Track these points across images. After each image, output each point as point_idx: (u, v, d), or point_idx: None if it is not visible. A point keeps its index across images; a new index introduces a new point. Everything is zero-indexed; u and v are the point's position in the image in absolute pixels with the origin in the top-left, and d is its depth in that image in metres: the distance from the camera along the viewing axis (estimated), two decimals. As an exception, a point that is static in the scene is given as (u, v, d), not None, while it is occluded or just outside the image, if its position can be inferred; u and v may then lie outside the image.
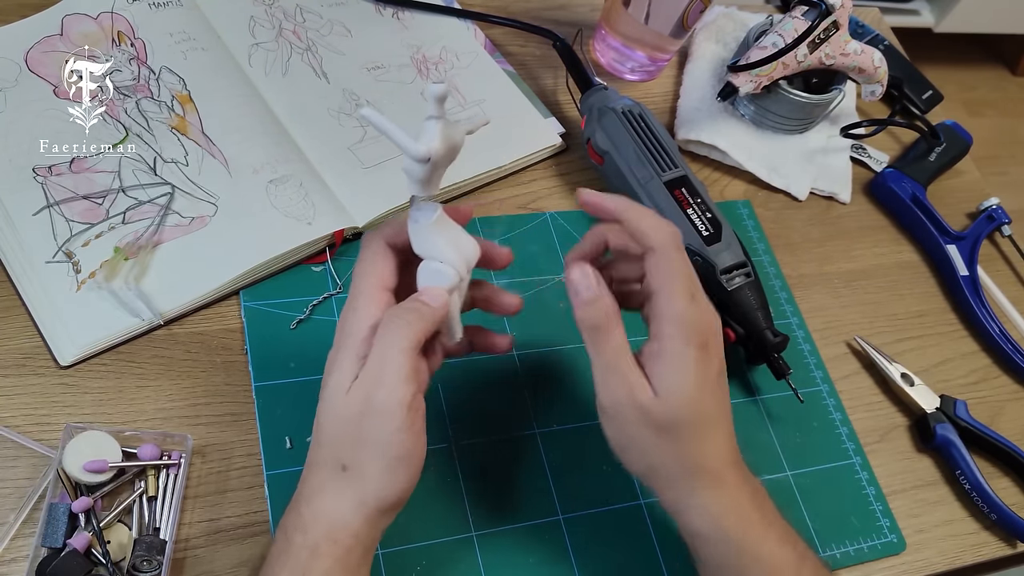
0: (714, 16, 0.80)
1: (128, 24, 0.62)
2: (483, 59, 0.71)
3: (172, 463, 0.47)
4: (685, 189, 0.60)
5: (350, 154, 0.61)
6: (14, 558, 0.43)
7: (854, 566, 0.55)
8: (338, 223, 0.56)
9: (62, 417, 0.47)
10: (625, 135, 0.61)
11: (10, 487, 0.45)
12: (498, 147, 0.65)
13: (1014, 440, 0.62)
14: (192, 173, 0.56)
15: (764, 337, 0.57)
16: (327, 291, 0.56)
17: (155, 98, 0.59)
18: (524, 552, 0.49)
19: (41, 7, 0.61)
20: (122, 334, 0.50)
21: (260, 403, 0.51)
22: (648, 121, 0.62)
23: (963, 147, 0.79)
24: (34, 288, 0.50)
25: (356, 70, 0.66)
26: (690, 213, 0.59)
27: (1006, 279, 0.75)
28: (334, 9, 0.70)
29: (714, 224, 0.59)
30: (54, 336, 0.49)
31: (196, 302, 0.52)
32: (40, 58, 0.59)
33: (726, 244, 0.58)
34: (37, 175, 0.54)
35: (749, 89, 0.69)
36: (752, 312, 0.57)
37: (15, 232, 0.52)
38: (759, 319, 0.57)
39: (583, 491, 0.52)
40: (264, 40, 0.65)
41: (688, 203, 0.59)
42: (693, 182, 0.60)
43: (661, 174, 0.60)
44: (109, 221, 0.53)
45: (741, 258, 0.58)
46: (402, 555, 0.47)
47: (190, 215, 0.55)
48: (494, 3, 0.76)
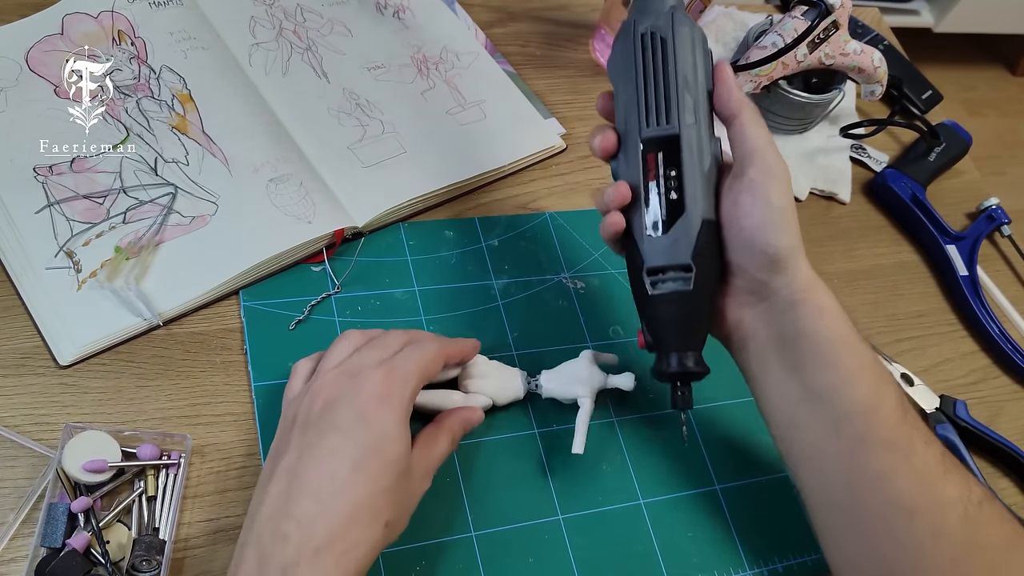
0: (714, 16, 0.80)
1: (128, 23, 0.62)
2: (483, 59, 0.71)
3: (171, 463, 0.47)
4: (663, 155, 0.46)
5: (350, 153, 0.61)
6: (13, 558, 0.43)
7: (854, 566, 0.55)
8: (338, 222, 0.56)
9: (61, 417, 0.47)
10: (631, 66, 0.47)
11: (9, 487, 0.45)
12: (498, 148, 0.65)
13: (1014, 440, 0.62)
14: (193, 172, 0.56)
15: (666, 359, 0.46)
16: (326, 291, 0.56)
17: (156, 97, 0.59)
18: (524, 552, 0.49)
19: (41, 7, 0.61)
20: (122, 334, 0.50)
21: (260, 403, 0.51)
22: (669, 52, 0.46)
23: (963, 147, 0.79)
24: (34, 288, 0.50)
25: (356, 70, 0.66)
26: (651, 187, 0.46)
27: (1006, 279, 0.75)
28: (335, 8, 0.70)
29: (671, 211, 0.46)
30: (54, 336, 0.49)
31: (196, 301, 0.52)
32: (41, 58, 0.59)
33: (673, 240, 0.45)
34: (38, 174, 0.54)
35: (749, 89, 0.69)
36: (669, 327, 0.46)
37: (15, 231, 0.52)
38: (672, 339, 0.46)
39: (583, 491, 0.52)
40: (264, 40, 0.65)
41: (655, 174, 0.46)
42: (686, 149, 0.46)
43: (643, 128, 0.47)
44: (110, 221, 0.53)
45: (683, 260, 0.45)
46: (402, 555, 0.47)
47: (191, 214, 0.55)
48: (494, 3, 0.76)
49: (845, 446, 0.44)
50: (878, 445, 0.43)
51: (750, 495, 0.55)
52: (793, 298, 0.45)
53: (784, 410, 0.46)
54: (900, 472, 0.42)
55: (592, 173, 0.68)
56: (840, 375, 0.44)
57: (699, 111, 0.46)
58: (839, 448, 0.44)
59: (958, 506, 0.42)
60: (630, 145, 0.47)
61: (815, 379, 0.44)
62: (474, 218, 0.62)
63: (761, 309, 0.47)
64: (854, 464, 0.43)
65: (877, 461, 0.43)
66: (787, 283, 0.45)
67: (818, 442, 0.45)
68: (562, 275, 0.61)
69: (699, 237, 0.45)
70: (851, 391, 0.44)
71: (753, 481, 0.55)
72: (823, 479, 0.45)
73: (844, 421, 0.44)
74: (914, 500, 0.42)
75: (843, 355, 0.44)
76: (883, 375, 0.44)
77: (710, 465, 0.55)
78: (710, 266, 0.46)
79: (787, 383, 0.46)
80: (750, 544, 0.53)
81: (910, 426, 0.43)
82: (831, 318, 0.45)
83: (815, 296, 0.45)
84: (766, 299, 0.46)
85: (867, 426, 0.43)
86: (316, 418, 0.42)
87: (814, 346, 0.44)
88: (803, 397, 0.45)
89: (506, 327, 0.57)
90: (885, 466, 0.43)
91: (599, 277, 0.61)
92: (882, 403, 0.43)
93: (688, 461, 0.55)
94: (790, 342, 0.45)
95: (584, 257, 0.62)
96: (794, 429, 0.46)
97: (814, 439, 0.45)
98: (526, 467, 0.53)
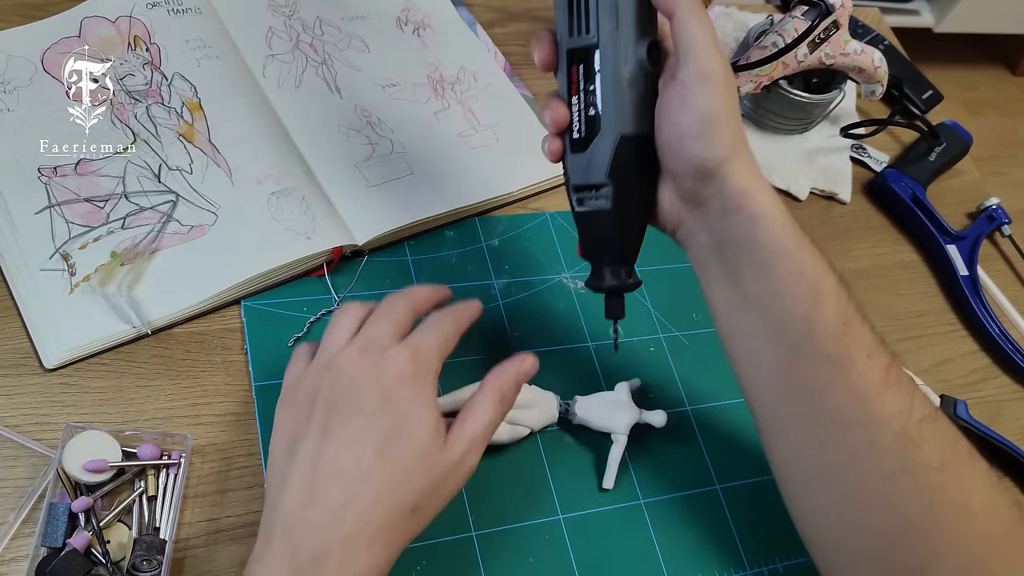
0: (714, 16, 0.80)
1: (145, 29, 0.62)
2: (501, 82, 0.70)
3: (172, 463, 0.47)
4: (583, 68, 0.44)
5: (356, 171, 0.60)
6: (14, 558, 0.43)
7: (854, 566, 0.55)
8: (338, 239, 0.56)
9: (62, 417, 0.47)
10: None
11: (10, 487, 0.45)
12: (507, 173, 0.64)
13: (1014, 440, 0.62)
14: (195, 181, 0.56)
15: (598, 272, 0.47)
16: (326, 294, 0.56)
17: (165, 104, 0.59)
18: (524, 552, 0.49)
19: (40, 7, 0.61)
20: (110, 340, 0.50)
21: (260, 403, 0.51)
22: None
23: (963, 147, 0.79)
24: (27, 288, 0.50)
25: (370, 87, 0.66)
26: (574, 101, 0.45)
27: (1006, 279, 0.75)
28: (354, 23, 0.69)
29: (590, 128, 0.44)
30: (41, 338, 0.49)
31: (188, 312, 0.52)
32: (56, 59, 0.59)
33: (589, 158, 0.44)
34: (42, 175, 0.54)
35: (749, 89, 0.69)
36: (597, 243, 0.47)
37: (14, 231, 0.52)
38: (600, 254, 0.47)
39: (583, 491, 0.52)
40: (280, 51, 0.65)
41: (576, 88, 0.44)
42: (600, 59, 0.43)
43: (565, 38, 0.44)
44: (108, 225, 0.53)
45: (598, 180, 0.44)
46: (402, 555, 0.47)
47: (189, 223, 0.54)
48: (495, 3, 0.76)
49: (781, 356, 0.42)
50: (813, 358, 0.42)
51: (750, 495, 0.55)
52: (725, 206, 0.43)
53: (724, 316, 0.45)
54: (835, 386, 0.41)
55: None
56: (774, 285, 0.42)
57: (623, 14, 0.43)
58: (775, 357, 0.43)
59: (895, 422, 0.40)
60: (560, 59, 0.45)
61: (751, 288, 0.43)
62: (474, 218, 0.62)
63: (698, 215, 0.45)
64: (789, 375, 0.43)
65: (812, 374, 0.42)
66: (718, 191, 0.43)
67: (755, 350, 0.44)
68: (562, 275, 0.61)
69: (615, 154, 0.44)
70: (785, 302, 0.42)
71: (753, 481, 0.55)
72: (759, 387, 0.44)
73: (779, 332, 0.42)
74: (848, 415, 0.41)
75: (777, 265, 0.42)
76: (823, 285, 0.42)
77: (710, 465, 0.55)
78: (632, 183, 0.45)
79: (726, 289, 0.44)
80: (750, 544, 0.53)
81: (850, 340, 0.42)
82: (767, 226, 0.42)
83: (750, 204, 0.42)
84: (700, 206, 0.44)
85: (802, 338, 0.42)
86: (340, 400, 0.41)
87: (749, 255, 0.43)
88: (741, 304, 0.44)
89: (506, 327, 0.57)
90: (820, 380, 0.41)
91: (599, 277, 0.61)
92: (820, 315, 0.41)
93: (688, 461, 0.55)
94: (726, 249, 0.44)
95: (584, 257, 0.62)
96: (734, 335, 0.45)
97: (751, 347, 0.44)
98: (526, 467, 0.53)
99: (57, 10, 0.61)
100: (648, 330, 0.60)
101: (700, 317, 0.62)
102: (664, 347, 0.60)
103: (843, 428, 0.41)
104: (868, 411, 0.41)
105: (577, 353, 0.57)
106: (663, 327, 0.60)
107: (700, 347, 0.60)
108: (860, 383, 0.41)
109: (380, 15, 0.71)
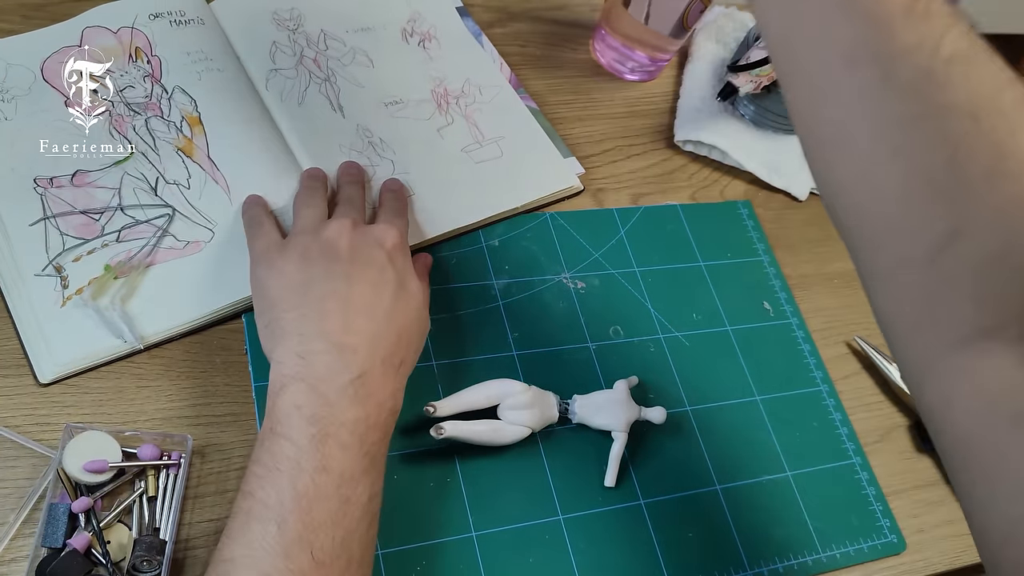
0: (714, 16, 0.80)
1: (147, 40, 0.61)
2: (507, 94, 0.69)
3: (172, 463, 0.47)
4: None
5: None
6: (14, 558, 0.43)
7: (854, 566, 0.55)
8: None
9: (62, 417, 0.47)
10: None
11: (10, 487, 0.45)
12: (511, 188, 0.63)
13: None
14: (192, 197, 0.56)
15: None
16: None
17: (165, 117, 0.58)
18: (524, 552, 0.49)
19: (40, 7, 0.61)
20: (102, 356, 0.49)
21: (260, 403, 0.51)
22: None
23: (963, 147, 0.79)
24: (21, 300, 0.50)
25: (373, 105, 0.65)
26: None
27: (1006, 279, 0.75)
28: (358, 36, 0.68)
29: None
30: (36, 353, 0.49)
31: (181, 328, 0.52)
32: (56, 68, 0.58)
33: None
34: (38, 186, 0.53)
35: (749, 89, 0.69)
36: None
37: (8, 241, 0.51)
38: None
39: (583, 491, 0.52)
40: (284, 66, 0.64)
41: None
42: None
43: None
44: (103, 238, 0.53)
45: None
46: (402, 555, 0.47)
47: (185, 239, 0.54)
48: (494, 3, 0.76)
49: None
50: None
51: (750, 495, 0.55)
52: None
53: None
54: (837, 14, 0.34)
55: (593, 173, 0.68)
56: None
57: None
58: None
59: (917, 55, 0.33)
60: None
61: None
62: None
63: None
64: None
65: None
66: None
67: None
68: (562, 275, 0.61)
69: None
70: None
71: (753, 481, 0.55)
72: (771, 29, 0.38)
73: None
74: (851, 49, 0.34)
75: None
76: None
77: (710, 465, 0.55)
78: None
79: None
80: (750, 544, 0.53)
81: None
82: None
83: None
84: None
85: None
86: (357, 255, 0.48)
87: None
88: None
89: (506, 327, 0.57)
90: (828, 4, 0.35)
91: (599, 277, 0.61)
92: None
93: (688, 461, 0.55)
94: None
95: (584, 257, 0.62)
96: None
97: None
98: (526, 467, 0.53)
99: (57, 10, 0.61)
100: (648, 330, 0.60)
101: (700, 317, 0.62)
102: (664, 347, 0.60)
103: (848, 65, 0.34)
104: (881, 44, 0.33)
105: (577, 353, 0.58)
106: (663, 327, 0.61)
107: (700, 347, 0.60)
108: (876, 8, 0.33)
109: (385, 26, 0.70)
